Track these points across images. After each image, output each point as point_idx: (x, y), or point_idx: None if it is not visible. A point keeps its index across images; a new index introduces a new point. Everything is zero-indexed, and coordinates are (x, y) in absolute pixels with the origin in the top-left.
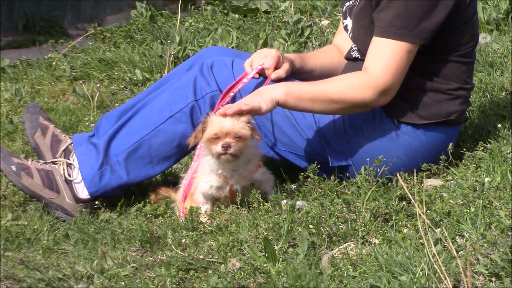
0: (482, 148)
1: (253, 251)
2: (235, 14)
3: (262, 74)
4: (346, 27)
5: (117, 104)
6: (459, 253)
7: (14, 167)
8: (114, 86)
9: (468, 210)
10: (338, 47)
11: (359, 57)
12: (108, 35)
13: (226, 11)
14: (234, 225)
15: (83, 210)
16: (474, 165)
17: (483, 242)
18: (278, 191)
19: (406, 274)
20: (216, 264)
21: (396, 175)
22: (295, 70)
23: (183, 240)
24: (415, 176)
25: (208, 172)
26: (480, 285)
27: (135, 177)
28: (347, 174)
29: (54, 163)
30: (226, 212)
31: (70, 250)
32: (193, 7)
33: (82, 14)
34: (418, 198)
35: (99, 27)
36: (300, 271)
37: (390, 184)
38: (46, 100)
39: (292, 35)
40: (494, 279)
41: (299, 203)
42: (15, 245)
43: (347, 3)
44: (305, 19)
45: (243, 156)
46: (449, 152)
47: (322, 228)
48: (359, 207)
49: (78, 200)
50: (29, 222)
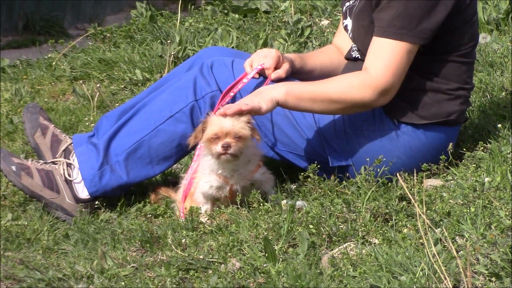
0: (482, 148)
1: (253, 251)
2: (235, 14)
3: (262, 74)
4: (346, 27)
5: (117, 104)
6: (459, 253)
7: (14, 167)
8: (114, 86)
9: (468, 210)
10: (338, 47)
11: (359, 57)
12: (108, 35)
13: (226, 11)
14: (234, 225)
15: (83, 210)
16: (474, 165)
17: (483, 242)
18: (278, 191)
19: (406, 274)
20: (216, 264)
21: (396, 175)
22: (295, 70)
23: (183, 240)
24: (415, 176)
25: (208, 172)
26: (480, 285)
27: (135, 177)
28: (347, 174)
29: (54, 163)
30: (226, 212)
31: (70, 250)
32: (193, 7)
33: (82, 14)
34: (418, 198)
35: (99, 27)
36: (300, 271)
37: (390, 184)
38: (46, 100)
39: (292, 35)
40: (494, 279)
41: (299, 203)
42: (15, 245)
43: (347, 3)
44: (305, 19)
45: (243, 156)
46: (449, 152)
47: (322, 228)
48: (359, 207)
49: (78, 200)
50: (29, 222)
